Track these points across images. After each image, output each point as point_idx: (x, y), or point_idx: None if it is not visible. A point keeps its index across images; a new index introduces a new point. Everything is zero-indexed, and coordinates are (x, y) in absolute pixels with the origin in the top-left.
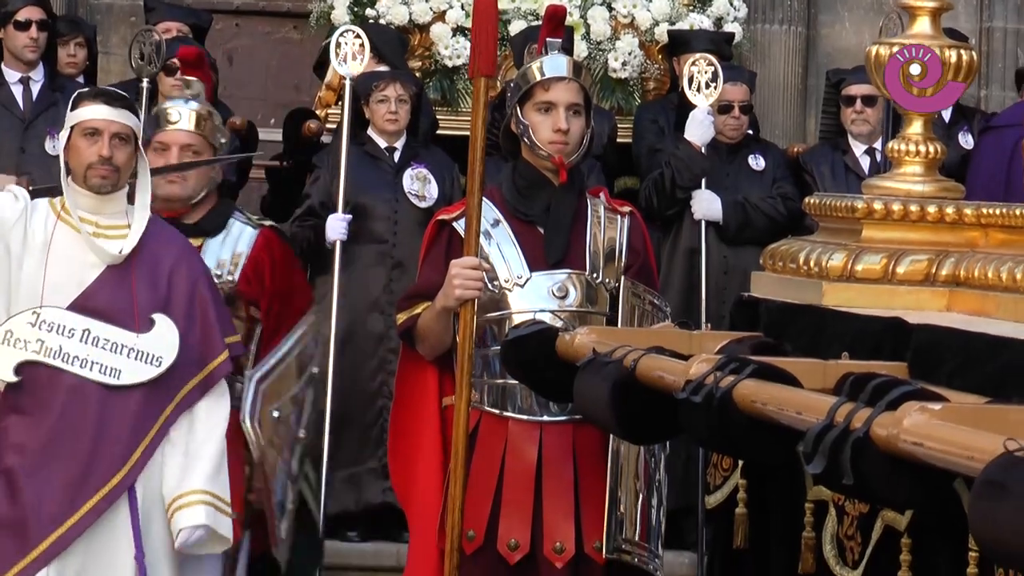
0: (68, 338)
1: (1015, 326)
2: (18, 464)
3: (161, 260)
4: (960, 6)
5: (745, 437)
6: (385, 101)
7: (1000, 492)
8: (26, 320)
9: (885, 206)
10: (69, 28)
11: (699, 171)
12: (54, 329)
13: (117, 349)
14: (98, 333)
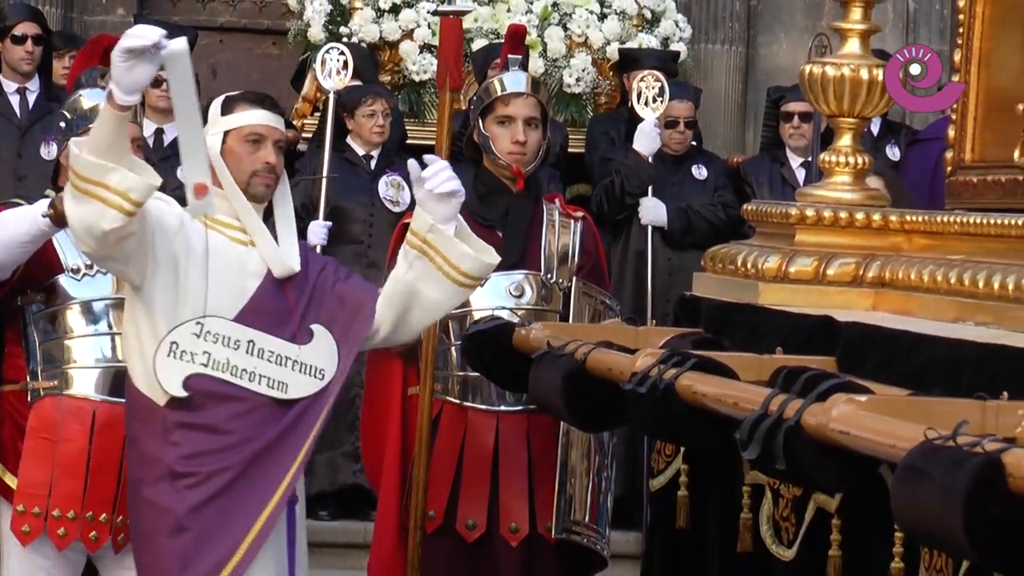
0: (234, 350)
1: (936, 324)
2: (195, 483)
3: (306, 267)
4: (888, 29)
5: (686, 425)
6: (373, 115)
7: (920, 477)
8: (191, 331)
9: (817, 213)
10: (64, 42)
11: (646, 179)
12: (219, 340)
13: (282, 361)
14: (262, 345)
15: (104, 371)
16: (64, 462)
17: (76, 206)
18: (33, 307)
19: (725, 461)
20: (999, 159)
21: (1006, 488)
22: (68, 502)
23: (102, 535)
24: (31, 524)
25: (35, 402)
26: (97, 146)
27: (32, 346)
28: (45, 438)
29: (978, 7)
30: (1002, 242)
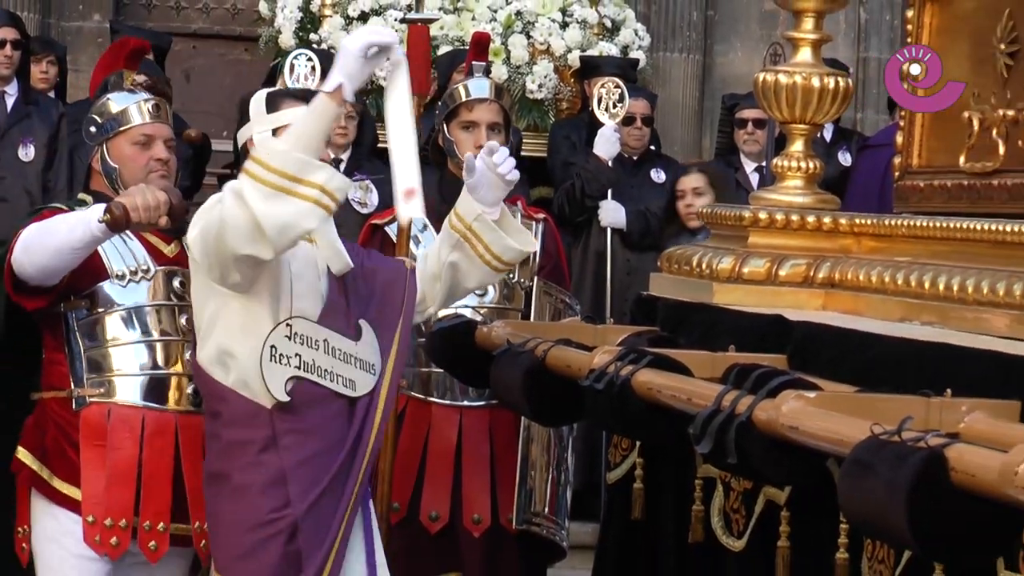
0: (316, 350)
1: (883, 324)
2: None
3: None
4: (839, 38)
5: (642, 420)
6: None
7: (866, 471)
8: (283, 334)
9: (769, 215)
10: (42, 47)
11: (606, 183)
12: (306, 342)
13: (347, 359)
14: (335, 344)
15: (149, 378)
16: (115, 470)
17: (273, 205)
18: (76, 313)
19: (679, 455)
20: (945, 165)
21: (948, 482)
22: (120, 511)
23: (162, 545)
24: (101, 534)
25: (81, 410)
26: (308, 142)
27: (76, 353)
28: (98, 445)
29: (925, 18)
30: (947, 244)
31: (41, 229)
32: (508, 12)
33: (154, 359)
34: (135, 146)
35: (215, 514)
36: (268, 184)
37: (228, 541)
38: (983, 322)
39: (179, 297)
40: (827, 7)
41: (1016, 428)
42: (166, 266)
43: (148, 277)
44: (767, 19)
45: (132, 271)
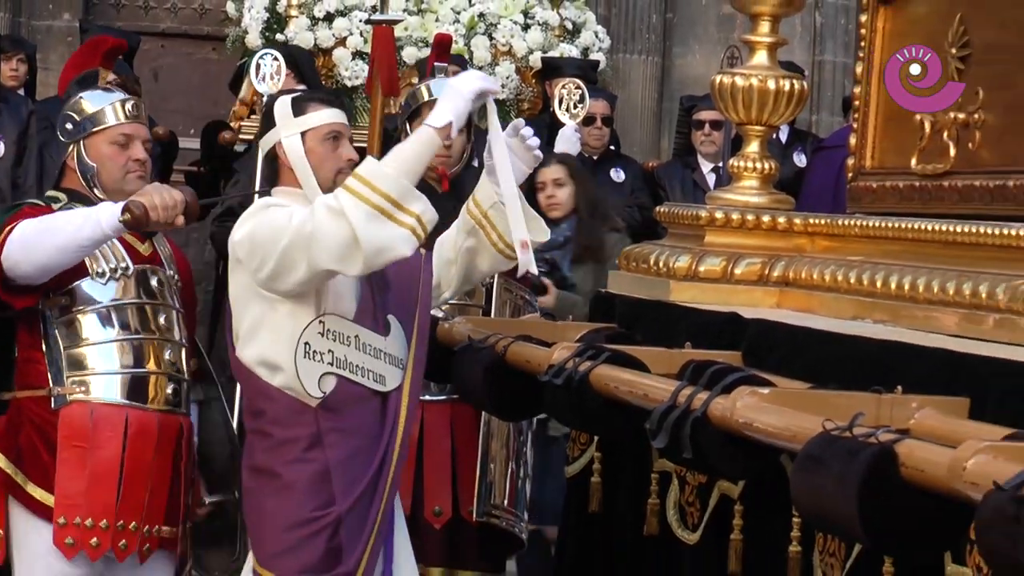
0: (347, 346)
1: (835, 322)
2: (351, 483)
3: None
4: (795, 41)
5: (599, 415)
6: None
7: (818, 466)
8: (316, 331)
9: (725, 215)
10: (12, 46)
11: None
12: (338, 338)
13: (377, 354)
14: (365, 339)
15: (130, 377)
16: (97, 470)
17: (376, 227)
18: (55, 311)
19: (636, 449)
20: (897, 166)
21: (898, 477)
22: (102, 511)
23: (131, 544)
24: (73, 535)
25: (61, 408)
26: (411, 170)
27: (55, 351)
28: (77, 446)
29: (879, 22)
30: (899, 244)
31: (40, 227)
32: (471, 14)
33: (133, 357)
34: (113, 146)
35: (259, 510)
36: (372, 205)
37: (272, 537)
38: (933, 320)
39: (156, 296)
40: (783, 11)
41: (965, 424)
42: (142, 265)
43: (127, 275)
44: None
45: (112, 269)
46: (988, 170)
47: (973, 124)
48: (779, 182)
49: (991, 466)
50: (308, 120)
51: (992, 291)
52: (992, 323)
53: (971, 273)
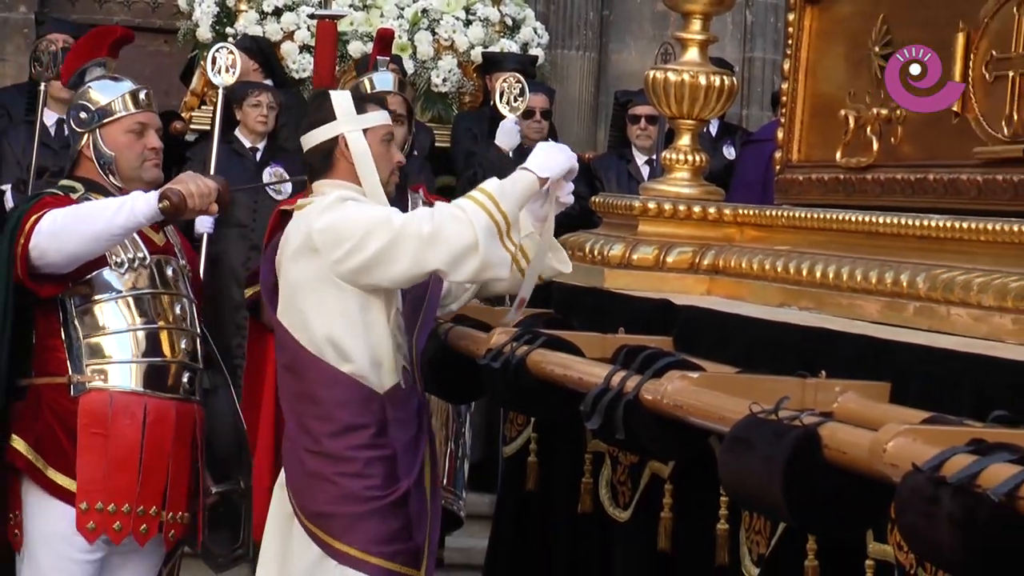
0: (405, 340)
1: (763, 308)
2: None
3: None
4: (727, 39)
5: (535, 397)
6: (258, 106)
7: (745, 447)
8: (397, 325)
9: (658, 205)
10: None
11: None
12: (401, 332)
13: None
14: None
15: (148, 365)
16: (116, 456)
17: (493, 243)
18: (75, 300)
19: (570, 431)
20: (823, 159)
21: (822, 458)
22: (123, 496)
23: (152, 529)
24: (96, 520)
25: (80, 396)
26: (519, 203)
27: (75, 339)
28: (97, 433)
29: (806, 21)
30: (824, 235)
31: (73, 216)
32: (415, 10)
33: (151, 346)
34: (130, 134)
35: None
36: (493, 220)
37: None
38: (856, 308)
39: (171, 285)
40: (713, 9)
41: (885, 408)
42: (157, 255)
43: (144, 265)
44: (659, 19)
45: (130, 259)
46: (909, 164)
47: (895, 119)
48: (709, 174)
49: (910, 448)
50: (369, 119)
51: (912, 280)
52: (912, 311)
53: (893, 262)
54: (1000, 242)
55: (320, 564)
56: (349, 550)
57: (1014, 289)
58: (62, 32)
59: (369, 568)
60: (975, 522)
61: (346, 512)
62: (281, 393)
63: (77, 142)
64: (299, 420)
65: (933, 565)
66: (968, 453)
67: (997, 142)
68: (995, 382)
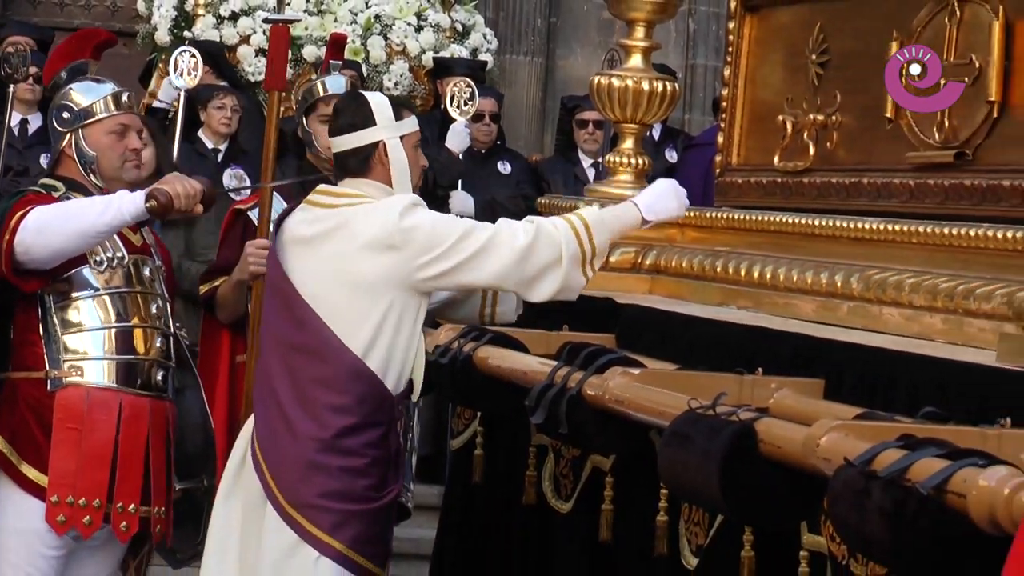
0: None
1: (702, 307)
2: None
3: None
4: (670, 46)
5: (482, 392)
6: (223, 108)
7: (684, 441)
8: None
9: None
10: None
11: (457, 174)
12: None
13: None
14: None
15: (124, 362)
16: (91, 452)
17: (574, 269)
18: (54, 296)
19: (516, 425)
20: (761, 163)
21: (758, 452)
22: (94, 491)
23: (132, 525)
24: (65, 513)
25: (56, 391)
26: (613, 236)
27: (53, 335)
28: (72, 428)
29: (745, 29)
30: (762, 236)
31: (59, 213)
32: (368, 15)
33: (125, 344)
34: (111, 135)
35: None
36: (583, 251)
37: (341, 509)
38: (792, 307)
39: (147, 285)
40: (657, 18)
41: (819, 404)
42: (135, 254)
43: (123, 264)
44: (605, 27)
45: (109, 258)
46: (844, 168)
47: (831, 125)
48: (651, 177)
49: (843, 443)
50: (404, 126)
51: (847, 280)
52: (846, 310)
53: (828, 263)
54: (931, 244)
55: (296, 551)
56: (335, 544)
57: (944, 289)
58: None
59: (350, 565)
60: (904, 514)
61: (340, 508)
62: (288, 377)
63: (59, 142)
64: (311, 408)
65: (864, 556)
66: (898, 448)
67: (929, 148)
68: (925, 380)
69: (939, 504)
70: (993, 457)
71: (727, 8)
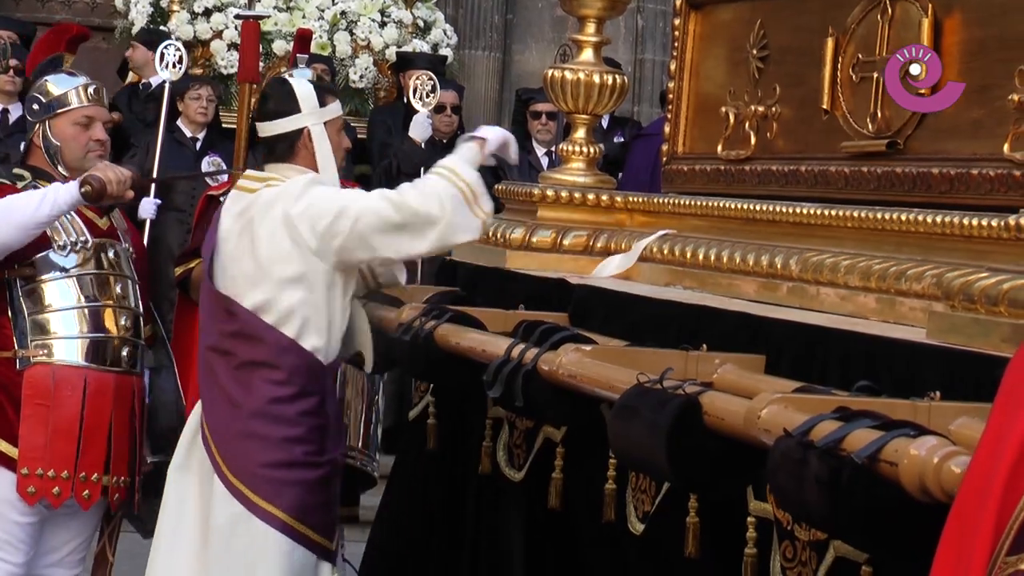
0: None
1: (651, 287)
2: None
3: None
4: (620, 42)
5: (442, 368)
6: (198, 98)
7: (632, 414)
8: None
9: (555, 193)
10: None
11: (419, 162)
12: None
13: None
14: None
15: (90, 341)
16: (58, 426)
17: (463, 214)
18: (20, 279)
19: (473, 398)
20: (705, 152)
21: (702, 424)
22: (62, 463)
23: (94, 494)
24: (35, 485)
25: (25, 369)
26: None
27: (20, 317)
28: (40, 404)
29: (690, 25)
30: (706, 220)
31: (1, 207)
32: (334, 12)
33: (92, 323)
34: (76, 126)
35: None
36: (459, 189)
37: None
38: (735, 287)
39: (113, 266)
40: (606, 14)
41: (760, 379)
42: (100, 238)
43: (87, 248)
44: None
45: (72, 242)
46: (783, 156)
47: (771, 116)
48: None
49: (782, 415)
50: (328, 111)
51: (786, 262)
52: (786, 290)
53: (768, 246)
54: (865, 228)
55: (244, 523)
56: (279, 514)
57: (877, 271)
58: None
59: (296, 535)
60: (840, 482)
61: (280, 477)
62: (225, 360)
63: (30, 132)
64: (247, 383)
65: (804, 522)
66: (834, 420)
67: (862, 137)
68: (859, 355)
69: (872, 472)
70: (924, 428)
71: (673, 5)
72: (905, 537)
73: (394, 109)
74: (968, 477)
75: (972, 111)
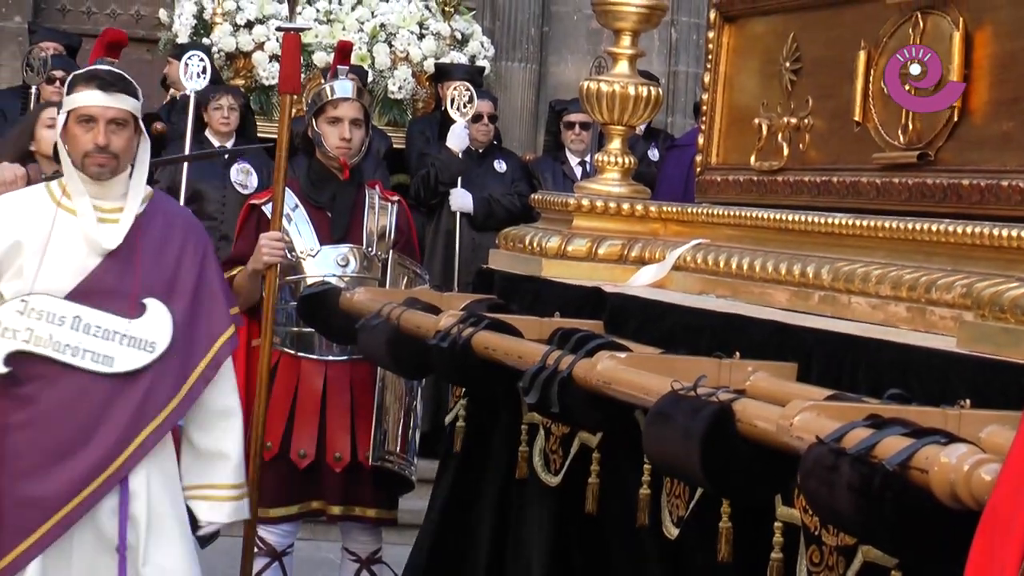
0: (58, 326)
1: (684, 296)
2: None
3: (169, 240)
4: (654, 54)
5: (479, 374)
6: (220, 108)
7: (667, 421)
8: (15, 309)
9: (591, 202)
10: None
11: (456, 172)
12: (43, 317)
13: (109, 336)
14: (89, 320)
15: None
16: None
17: None
18: None
19: (509, 404)
20: (738, 163)
21: (735, 431)
22: None
23: None
24: None
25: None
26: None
27: None
28: None
29: (724, 38)
30: (739, 230)
31: None
32: (373, 24)
33: None
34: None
35: None
36: None
37: None
38: (767, 296)
39: None
40: (641, 27)
41: (792, 386)
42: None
43: None
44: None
45: None
46: (815, 168)
47: (803, 128)
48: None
49: (814, 422)
50: (72, 100)
51: (818, 272)
52: (817, 299)
53: (800, 256)
54: (895, 238)
55: None
56: None
57: (907, 280)
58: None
59: None
60: (871, 489)
61: None
62: None
63: None
64: None
65: (834, 527)
66: (865, 427)
67: (894, 149)
68: (890, 364)
69: (903, 479)
70: (954, 436)
71: (707, 18)
72: (935, 543)
73: (431, 119)
74: (1000, 481)
75: (1002, 123)
